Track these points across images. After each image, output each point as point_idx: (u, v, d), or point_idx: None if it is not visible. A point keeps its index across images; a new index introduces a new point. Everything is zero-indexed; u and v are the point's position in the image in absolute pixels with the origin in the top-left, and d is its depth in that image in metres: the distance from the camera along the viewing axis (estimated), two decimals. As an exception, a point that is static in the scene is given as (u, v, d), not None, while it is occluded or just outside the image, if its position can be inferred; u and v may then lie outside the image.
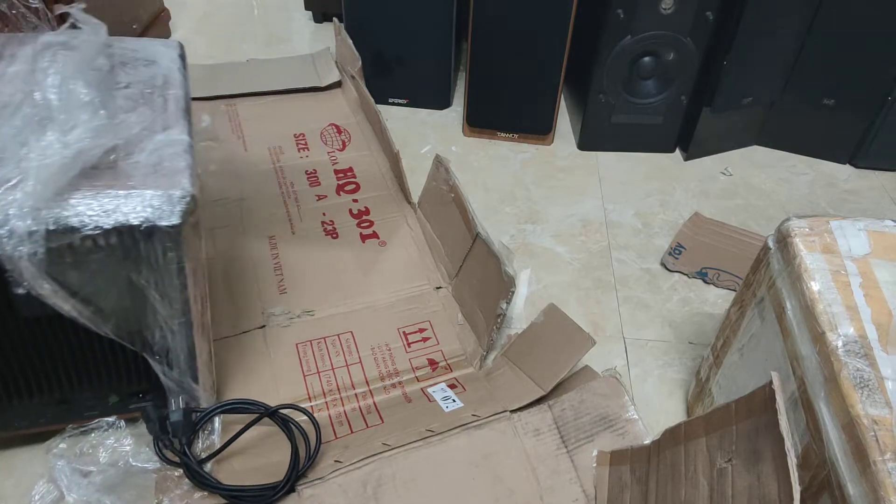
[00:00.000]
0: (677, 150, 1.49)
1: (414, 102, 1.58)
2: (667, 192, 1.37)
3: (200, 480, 0.76)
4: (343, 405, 0.89)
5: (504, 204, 1.31)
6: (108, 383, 0.79)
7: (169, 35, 1.83)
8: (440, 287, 1.07)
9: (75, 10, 0.75)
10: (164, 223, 0.63)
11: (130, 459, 0.78)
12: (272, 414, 0.83)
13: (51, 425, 0.80)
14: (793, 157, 1.49)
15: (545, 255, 1.20)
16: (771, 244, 0.73)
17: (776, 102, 1.43)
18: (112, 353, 0.75)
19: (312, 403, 0.89)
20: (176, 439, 0.78)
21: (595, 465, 0.80)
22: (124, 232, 0.63)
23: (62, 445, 0.78)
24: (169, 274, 0.67)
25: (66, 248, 0.62)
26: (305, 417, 0.84)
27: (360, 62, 1.44)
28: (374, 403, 0.90)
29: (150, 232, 0.63)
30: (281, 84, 1.52)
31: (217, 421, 0.82)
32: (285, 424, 0.83)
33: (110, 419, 0.80)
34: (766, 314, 0.73)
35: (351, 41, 1.44)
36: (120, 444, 0.79)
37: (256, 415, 0.83)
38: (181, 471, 0.77)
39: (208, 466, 0.78)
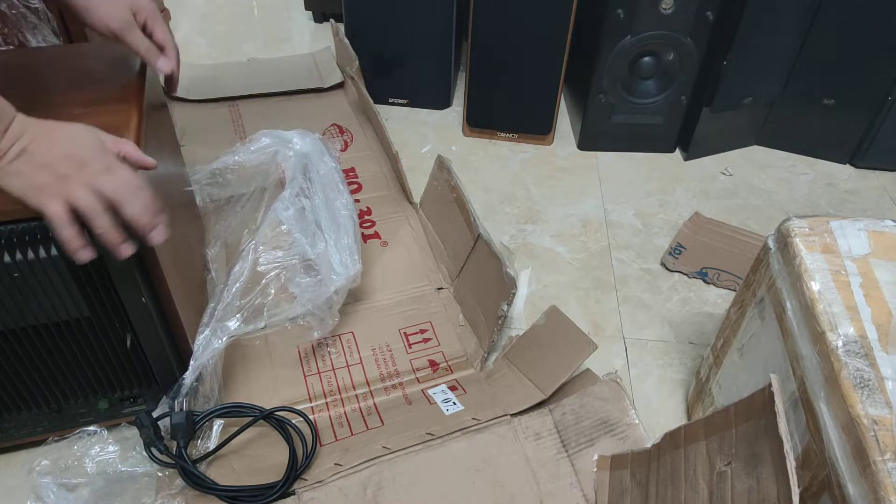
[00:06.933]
0: (677, 150, 1.49)
1: (414, 102, 1.58)
2: (667, 192, 1.37)
3: (197, 482, 0.76)
4: (343, 406, 0.89)
5: (504, 204, 1.31)
6: (97, 389, 0.79)
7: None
8: (441, 288, 1.07)
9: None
10: None
11: (119, 465, 0.78)
12: (268, 416, 0.84)
13: (47, 433, 0.80)
14: (793, 157, 1.49)
15: (545, 255, 1.20)
16: (771, 244, 0.73)
17: (776, 102, 1.43)
18: (95, 357, 0.75)
19: (313, 404, 0.89)
20: (174, 442, 0.78)
21: (595, 469, 0.80)
22: None
23: (45, 462, 0.77)
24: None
25: None
26: (301, 419, 0.84)
27: (358, 62, 1.44)
28: (375, 404, 0.90)
29: None
30: (284, 85, 1.52)
31: (217, 424, 0.82)
32: (282, 426, 0.83)
33: (91, 428, 0.80)
34: (766, 314, 0.73)
35: (348, 42, 1.44)
36: (105, 452, 0.78)
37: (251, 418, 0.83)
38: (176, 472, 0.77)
39: (202, 468, 0.78)
